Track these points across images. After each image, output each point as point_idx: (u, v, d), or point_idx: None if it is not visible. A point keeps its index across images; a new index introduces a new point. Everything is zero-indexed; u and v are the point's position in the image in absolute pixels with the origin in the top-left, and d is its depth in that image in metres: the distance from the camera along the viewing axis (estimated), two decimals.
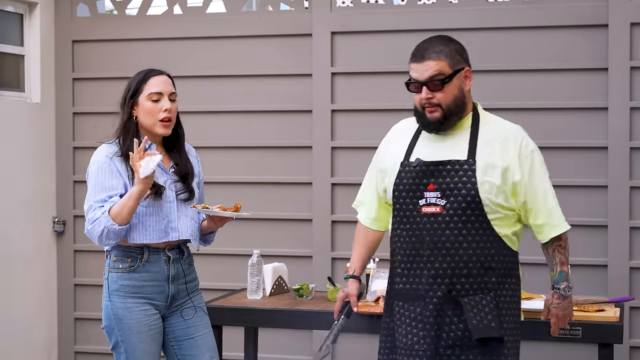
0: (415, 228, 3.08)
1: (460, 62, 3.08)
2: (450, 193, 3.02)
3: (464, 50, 3.13)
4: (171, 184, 3.49)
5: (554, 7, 4.99)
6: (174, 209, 3.47)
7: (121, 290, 3.41)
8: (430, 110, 3.06)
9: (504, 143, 3.08)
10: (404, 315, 3.09)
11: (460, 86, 3.08)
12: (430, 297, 3.03)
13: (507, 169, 3.04)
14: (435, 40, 3.12)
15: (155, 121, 3.44)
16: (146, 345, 3.43)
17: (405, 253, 3.11)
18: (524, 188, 3.06)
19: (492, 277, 3.03)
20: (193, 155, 3.64)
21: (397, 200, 3.12)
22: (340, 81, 5.30)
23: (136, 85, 3.46)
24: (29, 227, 5.47)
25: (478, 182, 3.00)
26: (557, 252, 3.16)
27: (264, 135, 5.42)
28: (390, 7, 5.25)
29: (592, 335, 3.62)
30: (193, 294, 3.57)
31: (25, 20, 5.54)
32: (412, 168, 3.08)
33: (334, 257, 5.26)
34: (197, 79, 5.49)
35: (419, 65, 3.08)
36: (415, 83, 3.08)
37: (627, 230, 4.87)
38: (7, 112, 5.31)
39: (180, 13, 5.57)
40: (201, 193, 3.65)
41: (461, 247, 3.01)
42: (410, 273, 3.09)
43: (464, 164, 3.03)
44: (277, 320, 4.03)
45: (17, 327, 5.36)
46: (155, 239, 3.42)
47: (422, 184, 3.07)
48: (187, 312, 3.54)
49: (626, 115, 4.87)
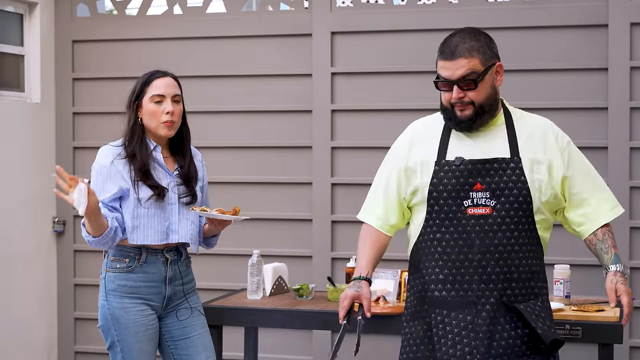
0: (462, 231, 2.90)
1: (491, 57, 2.93)
2: (500, 193, 2.87)
3: (493, 43, 2.98)
4: (174, 187, 3.49)
5: (554, 7, 4.99)
6: (176, 211, 3.48)
7: (118, 290, 3.42)
8: (461, 108, 2.91)
9: (542, 137, 2.96)
10: (451, 325, 2.89)
11: (492, 83, 2.93)
12: (483, 304, 2.86)
13: (552, 163, 2.93)
14: (466, 34, 2.93)
15: (158, 123, 3.45)
16: (142, 345, 3.43)
17: (450, 258, 2.90)
18: (571, 180, 2.96)
19: (538, 281, 2.93)
20: (198, 160, 3.65)
21: (435, 202, 2.93)
22: (340, 81, 5.30)
23: (140, 87, 3.48)
24: (29, 227, 5.47)
25: (528, 180, 2.88)
26: (607, 236, 3.01)
27: (264, 135, 5.42)
28: (390, 7, 5.25)
29: (592, 335, 3.62)
30: (189, 295, 3.58)
31: (25, 20, 5.54)
32: (454, 167, 2.91)
33: (333, 257, 5.26)
34: (197, 79, 5.48)
35: (450, 63, 2.89)
36: (446, 81, 2.91)
37: (627, 230, 4.87)
38: (7, 112, 5.31)
39: (180, 13, 5.57)
40: (205, 197, 3.65)
41: (513, 251, 2.87)
42: (457, 279, 2.89)
43: (510, 161, 2.89)
44: (277, 320, 4.03)
45: (17, 327, 5.36)
46: (156, 241, 3.43)
47: (467, 184, 2.90)
48: (183, 312, 3.54)
49: (626, 115, 4.87)
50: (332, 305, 4.05)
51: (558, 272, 4.02)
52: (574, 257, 4.88)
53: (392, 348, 5.09)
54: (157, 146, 3.49)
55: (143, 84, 3.47)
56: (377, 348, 5.06)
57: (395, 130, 5.19)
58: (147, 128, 3.48)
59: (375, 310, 3.80)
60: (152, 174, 3.43)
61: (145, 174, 3.41)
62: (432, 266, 2.94)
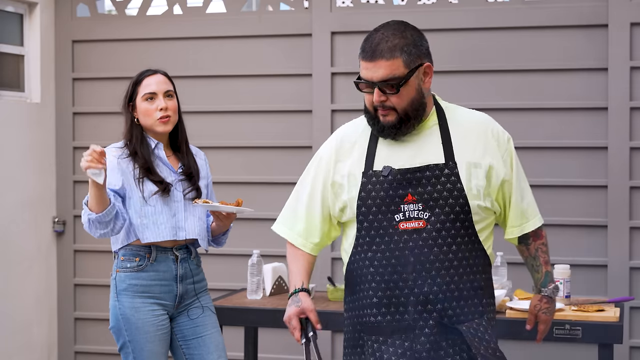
0: (394, 248, 2.60)
1: (417, 58, 2.60)
2: (434, 204, 2.58)
3: (423, 40, 2.63)
4: (177, 184, 3.50)
5: (554, 7, 4.99)
6: (182, 208, 3.49)
7: (129, 290, 3.42)
8: (383, 113, 2.62)
9: (480, 136, 2.67)
10: (387, 352, 2.60)
11: (418, 86, 2.61)
12: (421, 328, 2.58)
13: (491, 166, 2.64)
14: (389, 30, 2.60)
15: (154, 121, 3.47)
16: (153, 345, 3.43)
17: (383, 279, 2.61)
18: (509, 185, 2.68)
19: (483, 298, 2.64)
20: (201, 158, 3.66)
21: (364, 217, 2.63)
22: (340, 81, 5.30)
23: (131, 88, 3.51)
24: (29, 227, 5.47)
25: (465, 187, 2.59)
26: (540, 251, 2.79)
27: (264, 135, 5.42)
28: (390, 7, 5.25)
29: (592, 335, 3.62)
30: (201, 294, 3.58)
31: (25, 20, 5.54)
32: (382, 178, 2.61)
33: (333, 257, 5.26)
34: (197, 79, 5.49)
35: (370, 64, 2.59)
36: (366, 82, 2.62)
37: (627, 230, 4.87)
38: (7, 112, 5.31)
39: (180, 13, 5.57)
40: (211, 195, 3.67)
41: (452, 266, 2.58)
42: (391, 302, 2.60)
43: (444, 167, 2.60)
44: (277, 320, 4.02)
45: (17, 327, 5.36)
46: (167, 237, 3.43)
47: (397, 196, 2.60)
48: (194, 311, 3.54)
49: (626, 115, 4.87)
50: (332, 305, 4.05)
51: (558, 272, 4.02)
52: (574, 257, 4.89)
53: None
54: (159, 143, 3.50)
55: (134, 84, 3.50)
56: None
57: None
58: (145, 127, 3.49)
59: None
60: (155, 170, 3.45)
61: (148, 170, 3.42)
62: (366, 288, 2.65)
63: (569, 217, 4.97)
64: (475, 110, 2.79)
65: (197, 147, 3.70)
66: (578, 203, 4.94)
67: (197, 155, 3.64)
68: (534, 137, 4.95)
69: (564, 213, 4.95)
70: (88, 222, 3.30)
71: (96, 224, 3.30)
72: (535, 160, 4.94)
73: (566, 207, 4.96)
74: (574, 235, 4.95)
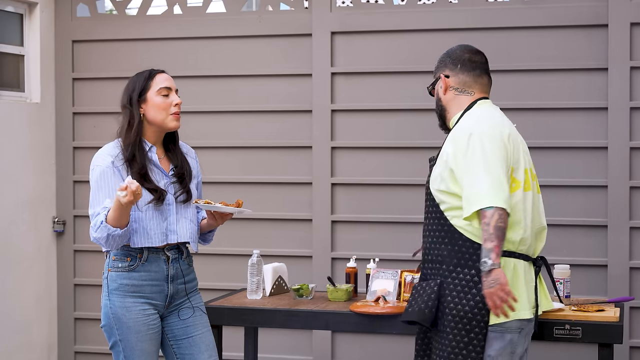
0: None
1: (438, 70, 3.43)
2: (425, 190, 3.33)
3: (445, 56, 3.43)
4: (169, 186, 3.49)
5: (554, 7, 4.99)
6: (173, 211, 3.48)
7: (120, 289, 3.42)
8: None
9: (453, 135, 3.26)
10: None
11: (437, 93, 3.43)
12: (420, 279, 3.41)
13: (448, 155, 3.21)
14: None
15: (167, 115, 3.47)
16: (144, 344, 3.43)
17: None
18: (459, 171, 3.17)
19: (444, 265, 3.22)
20: (192, 157, 3.65)
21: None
22: (340, 81, 5.30)
23: (143, 82, 3.48)
24: (29, 227, 5.47)
25: (432, 175, 3.30)
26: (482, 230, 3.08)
27: (263, 135, 5.42)
28: (390, 7, 5.25)
29: (592, 335, 3.62)
30: (192, 294, 3.58)
31: (25, 20, 5.54)
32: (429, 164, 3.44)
33: (333, 257, 5.26)
34: (197, 79, 5.49)
35: None
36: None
37: (627, 230, 4.87)
38: (7, 112, 5.31)
39: (180, 13, 5.57)
40: (200, 194, 3.65)
41: (428, 236, 3.31)
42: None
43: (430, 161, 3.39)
44: (277, 320, 4.03)
45: (17, 327, 5.36)
46: (157, 242, 3.43)
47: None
48: (185, 311, 3.54)
49: (626, 115, 4.87)
50: (332, 305, 4.05)
51: (558, 272, 4.02)
52: (574, 257, 4.89)
53: (392, 348, 5.09)
54: (153, 147, 3.49)
55: (146, 79, 3.48)
56: (378, 348, 5.06)
57: (395, 130, 5.23)
58: (153, 122, 3.47)
59: (375, 310, 3.81)
60: (150, 177, 3.43)
61: (143, 177, 3.41)
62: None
63: (569, 217, 4.97)
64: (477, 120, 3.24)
65: (188, 145, 3.68)
66: (578, 203, 4.94)
67: (188, 154, 3.63)
68: (534, 137, 4.94)
69: (564, 213, 4.95)
70: (107, 237, 3.30)
71: (116, 238, 3.31)
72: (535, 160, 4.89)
73: (566, 207, 4.96)
74: (574, 235, 4.95)
